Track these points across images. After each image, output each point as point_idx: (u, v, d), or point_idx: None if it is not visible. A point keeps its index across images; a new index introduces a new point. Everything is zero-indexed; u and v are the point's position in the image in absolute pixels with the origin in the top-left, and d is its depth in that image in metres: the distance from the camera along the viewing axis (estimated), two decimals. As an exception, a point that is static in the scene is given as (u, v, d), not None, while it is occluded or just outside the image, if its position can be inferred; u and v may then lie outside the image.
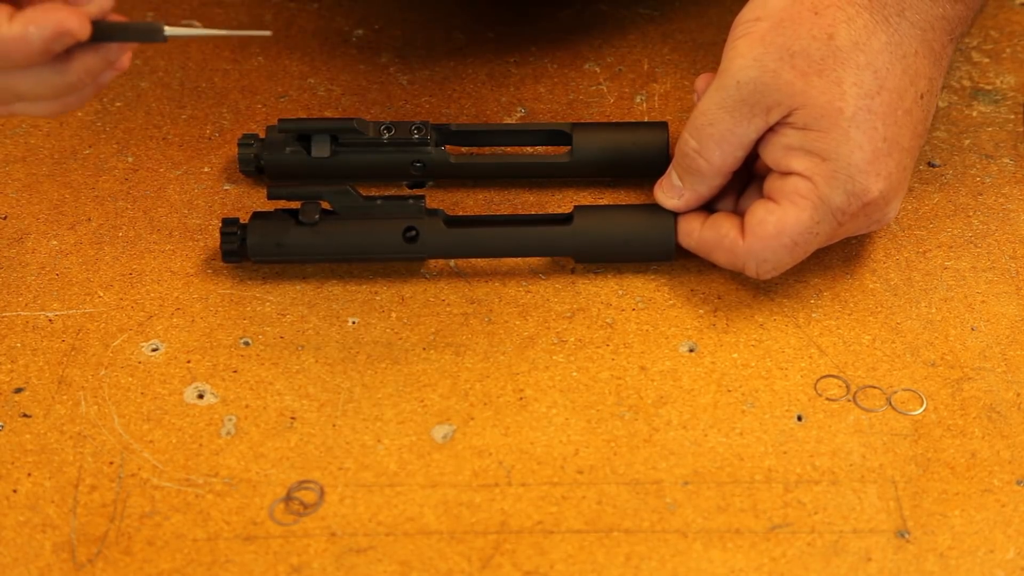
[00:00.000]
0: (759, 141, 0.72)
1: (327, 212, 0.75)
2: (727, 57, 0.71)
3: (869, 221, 0.73)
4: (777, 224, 0.71)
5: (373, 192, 0.81)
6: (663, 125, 0.80)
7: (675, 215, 0.75)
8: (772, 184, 0.72)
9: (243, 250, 0.76)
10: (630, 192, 0.81)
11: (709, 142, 0.72)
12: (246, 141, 0.81)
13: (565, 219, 0.76)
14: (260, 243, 0.75)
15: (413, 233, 0.75)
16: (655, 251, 0.76)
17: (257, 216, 0.76)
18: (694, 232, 0.75)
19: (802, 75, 0.70)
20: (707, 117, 0.72)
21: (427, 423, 0.71)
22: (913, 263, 0.77)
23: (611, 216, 0.76)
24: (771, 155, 0.72)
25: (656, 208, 0.76)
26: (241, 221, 0.77)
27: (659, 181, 0.76)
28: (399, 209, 0.75)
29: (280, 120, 0.79)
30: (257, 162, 0.81)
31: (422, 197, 0.76)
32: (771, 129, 0.71)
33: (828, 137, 0.70)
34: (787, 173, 0.71)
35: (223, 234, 0.75)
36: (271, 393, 0.72)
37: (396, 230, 0.75)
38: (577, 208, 0.76)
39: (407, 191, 0.82)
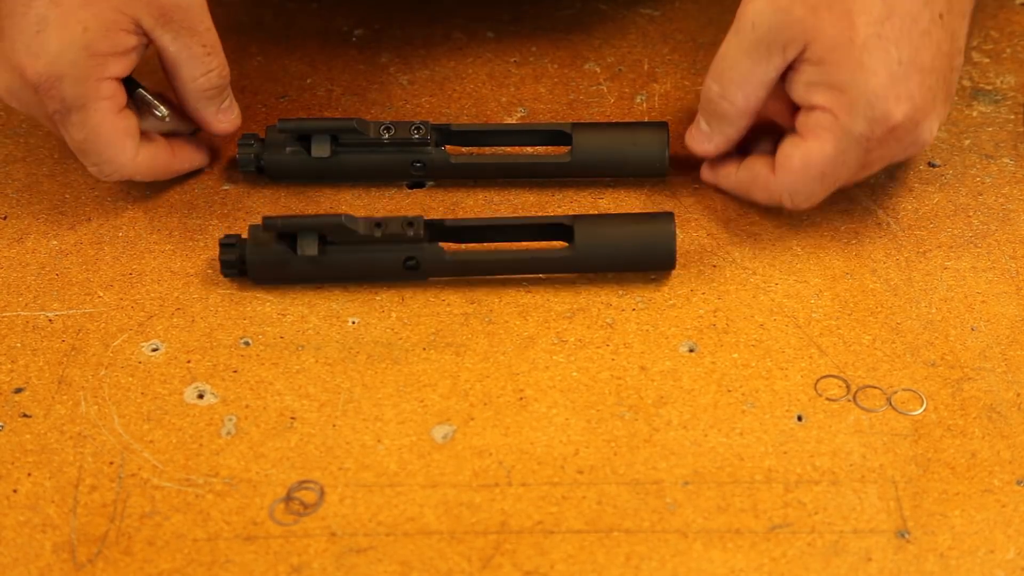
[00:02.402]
0: (786, 82, 0.74)
1: (325, 241, 0.75)
2: (742, 4, 0.73)
3: (903, 145, 0.74)
4: (803, 158, 0.73)
5: (372, 191, 0.81)
6: (663, 125, 0.80)
7: (675, 225, 0.75)
8: (799, 120, 0.74)
9: (243, 270, 0.76)
10: (630, 192, 0.81)
11: (731, 85, 0.74)
12: (246, 141, 0.81)
13: (566, 231, 0.75)
14: (260, 273, 0.75)
15: (413, 262, 0.75)
16: (657, 263, 0.76)
17: (256, 241, 0.75)
18: (731, 175, 0.78)
19: (812, 10, 0.71)
20: (727, 61, 0.74)
21: (427, 423, 0.70)
22: (913, 263, 0.77)
23: (612, 230, 0.76)
24: (796, 93, 0.73)
25: (657, 218, 0.76)
26: (242, 236, 0.76)
27: (688, 130, 0.78)
28: (398, 238, 0.75)
29: (280, 120, 0.79)
30: (257, 162, 0.81)
31: (420, 221, 0.75)
32: (792, 68, 0.73)
33: (842, 68, 0.71)
34: (811, 108, 0.73)
35: (223, 261, 0.75)
36: (271, 393, 0.72)
37: (396, 259, 0.75)
38: (577, 221, 0.76)
39: (405, 197, 0.81)
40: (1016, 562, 0.65)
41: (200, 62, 0.77)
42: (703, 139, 0.77)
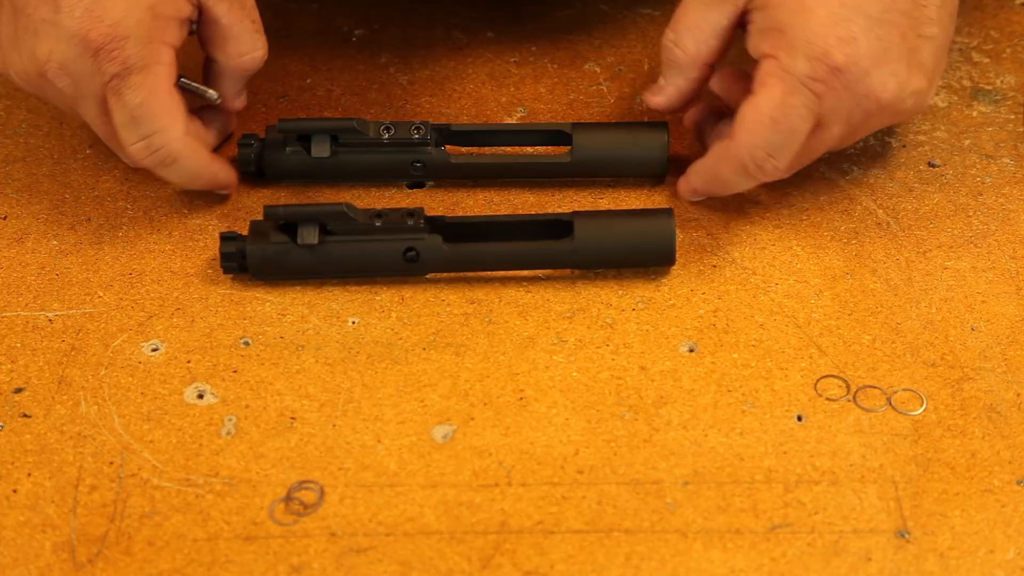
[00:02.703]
0: (745, 38, 0.75)
1: (326, 231, 0.75)
2: None
3: (856, 97, 0.73)
4: (753, 109, 0.73)
5: (372, 191, 0.81)
6: (663, 125, 0.80)
7: (675, 220, 0.75)
8: (753, 80, 0.75)
9: (243, 265, 0.76)
10: (630, 191, 0.81)
11: (684, 32, 0.77)
12: (246, 141, 0.81)
13: (566, 227, 0.76)
14: (260, 266, 0.75)
15: (413, 253, 0.75)
16: (657, 258, 0.76)
17: (256, 234, 0.75)
18: (700, 166, 0.78)
19: None
20: (683, 8, 0.77)
21: (427, 423, 0.71)
22: (913, 263, 0.77)
23: (612, 225, 0.76)
24: (750, 45, 0.75)
25: (657, 213, 0.76)
26: (241, 232, 0.76)
27: (647, 87, 0.80)
28: (398, 229, 0.75)
29: (280, 120, 0.79)
30: (257, 162, 0.81)
31: (421, 213, 0.75)
32: (746, 20, 0.75)
33: (783, 9, 0.72)
34: (761, 59, 0.74)
35: (223, 255, 0.75)
36: (271, 393, 0.72)
37: (396, 251, 0.75)
38: (577, 216, 0.76)
39: (405, 197, 0.81)
40: (1016, 562, 0.65)
41: (250, 38, 0.78)
42: (656, 91, 0.79)
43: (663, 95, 0.79)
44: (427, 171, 0.80)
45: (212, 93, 0.79)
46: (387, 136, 0.79)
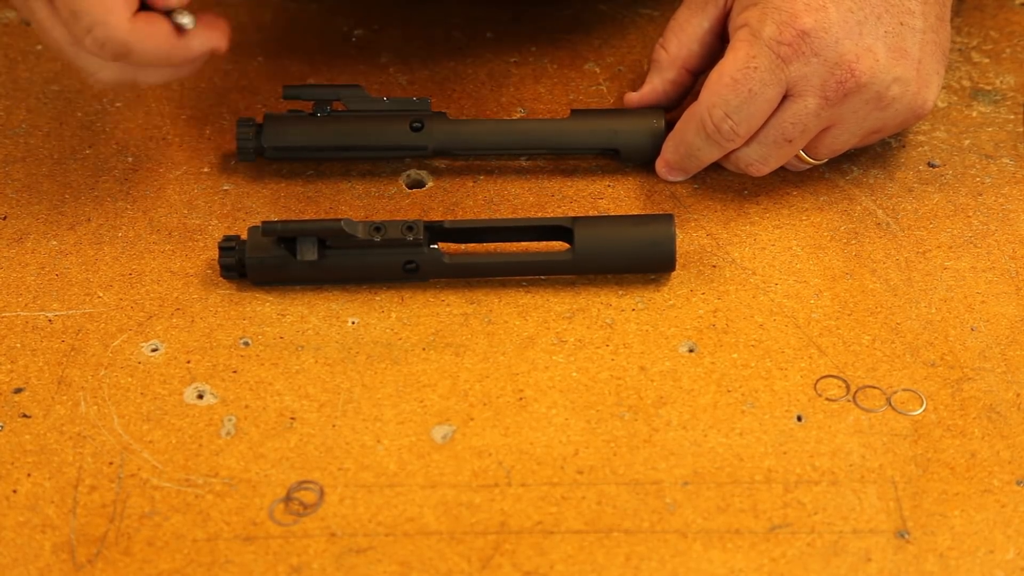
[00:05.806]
0: (728, 24, 0.77)
1: (325, 245, 0.75)
2: None
3: (827, 65, 0.73)
4: (718, 69, 0.75)
5: (371, 191, 0.81)
6: (669, 217, 0.76)
7: (675, 226, 0.75)
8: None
9: (243, 272, 0.75)
10: (629, 193, 0.81)
11: (669, 33, 0.80)
12: (245, 122, 0.80)
13: (566, 234, 0.75)
14: (259, 276, 0.75)
15: (413, 266, 0.75)
16: (657, 265, 0.76)
17: (254, 244, 0.75)
18: (669, 138, 0.79)
19: None
20: (675, 13, 0.80)
21: (427, 423, 0.71)
22: (913, 263, 0.77)
23: (612, 232, 0.75)
24: (730, 26, 0.76)
25: (657, 220, 0.75)
26: (241, 237, 0.76)
27: None
28: (398, 244, 0.75)
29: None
30: (257, 144, 0.80)
31: (420, 226, 0.74)
32: (727, 18, 0.77)
33: None
34: (735, 31, 0.76)
35: (222, 264, 0.75)
36: (271, 393, 0.72)
37: (396, 264, 0.75)
38: (577, 222, 0.75)
39: (405, 198, 0.81)
40: (1016, 562, 0.65)
41: None
42: (638, 91, 0.82)
43: (639, 92, 0.82)
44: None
45: (187, 16, 0.72)
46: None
